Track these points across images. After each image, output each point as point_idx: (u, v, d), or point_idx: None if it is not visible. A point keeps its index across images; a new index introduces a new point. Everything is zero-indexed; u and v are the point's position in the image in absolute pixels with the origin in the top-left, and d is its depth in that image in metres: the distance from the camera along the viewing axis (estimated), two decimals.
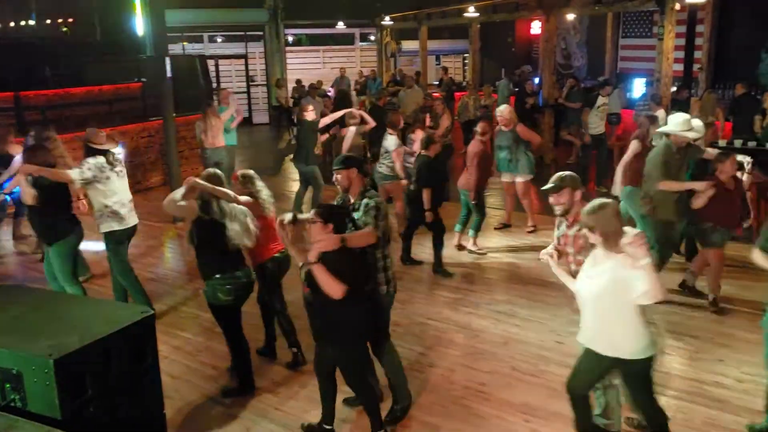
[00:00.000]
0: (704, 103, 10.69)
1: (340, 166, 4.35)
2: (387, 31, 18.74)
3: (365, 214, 4.18)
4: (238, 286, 4.70)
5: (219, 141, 9.82)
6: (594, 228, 3.51)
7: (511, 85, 15.73)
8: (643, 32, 17.19)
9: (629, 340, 3.57)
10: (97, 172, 5.67)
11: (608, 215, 3.50)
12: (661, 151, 6.05)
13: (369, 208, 4.20)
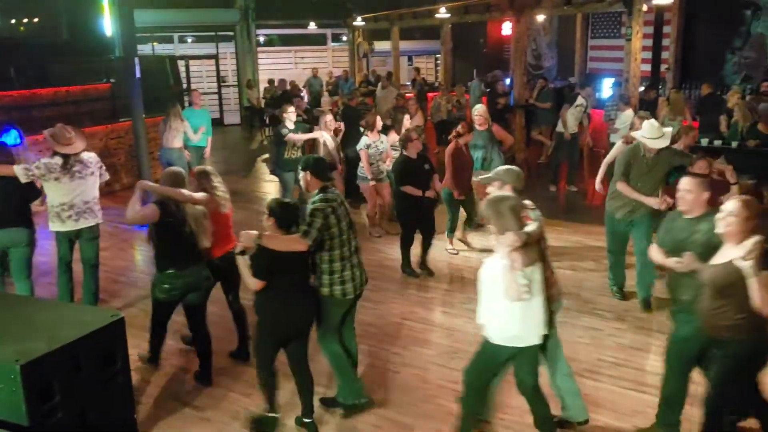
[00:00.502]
0: (672, 102, 10.86)
1: (303, 168, 4.52)
2: (359, 31, 18.74)
3: (304, 219, 4.24)
4: (177, 285, 4.79)
5: (174, 142, 9.76)
6: (490, 219, 3.69)
7: (482, 86, 15.81)
8: (612, 33, 17.43)
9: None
10: (44, 172, 5.70)
11: (504, 209, 3.64)
12: (628, 151, 6.06)
13: (308, 212, 4.26)
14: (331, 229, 4.28)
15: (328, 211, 4.27)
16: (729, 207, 3.53)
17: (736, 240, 3.50)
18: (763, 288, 3.36)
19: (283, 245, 4.16)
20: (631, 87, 10.28)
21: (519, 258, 3.57)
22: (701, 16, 14.85)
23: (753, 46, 14.05)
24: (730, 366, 3.66)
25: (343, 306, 4.49)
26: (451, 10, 14.56)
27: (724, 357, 3.68)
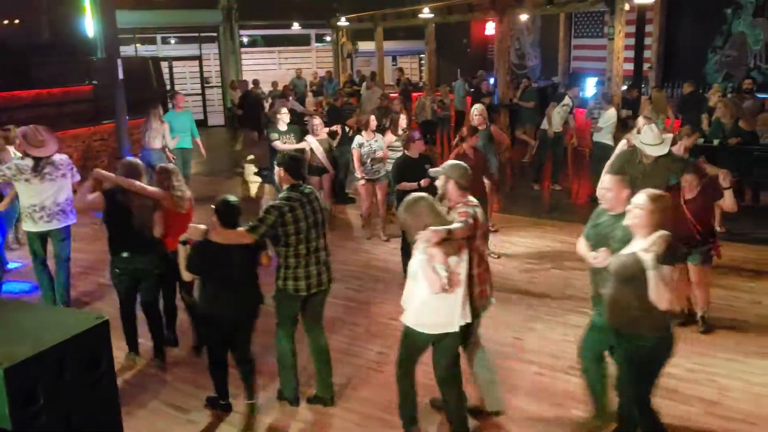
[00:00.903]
0: (655, 101, 10.95)
1: (275, 163, 4.68)
2: (343, 31, 18.73)
3: (261, 213, 4.39)
4: (127, 270, 5.12)
5: (154, 143, 9.72)
6: (407, 220, 3.86)
7: (466, 86, 15.87)
8: (595, 32, 17.54)
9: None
10: (15, 173, 5.80)
11: (419, 210, 3.82)
12: (624, 155, 5.91)
13: (265, 208, 4.41)
14: (287, 226, 4.37)
15: (284, 209, 4.37)
16: (636, 200, 3.60)
17: (644, 233, 3.55)
18: (662, 282, 3.39)
19: (230, 239, 4.33)
20: (614, 86, 10.34)
21: (438, 253, 3.72)
22: (683, 15, 14.98)
23: (734, 45, 14.20)
24: (633, 366, 3.70)
25: (294, 301, 4.56)
26: (435, 10, 14.60)
27: (626, 356, 3.73)
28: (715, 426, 4.39)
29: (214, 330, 4.53)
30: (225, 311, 4.44)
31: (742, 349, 5.41)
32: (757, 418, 4.46)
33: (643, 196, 3.58)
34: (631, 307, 3.56)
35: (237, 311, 4.49)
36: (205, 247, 4.32)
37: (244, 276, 4.49)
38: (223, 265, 4.37)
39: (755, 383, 4.87)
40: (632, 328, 3.61)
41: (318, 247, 4.56)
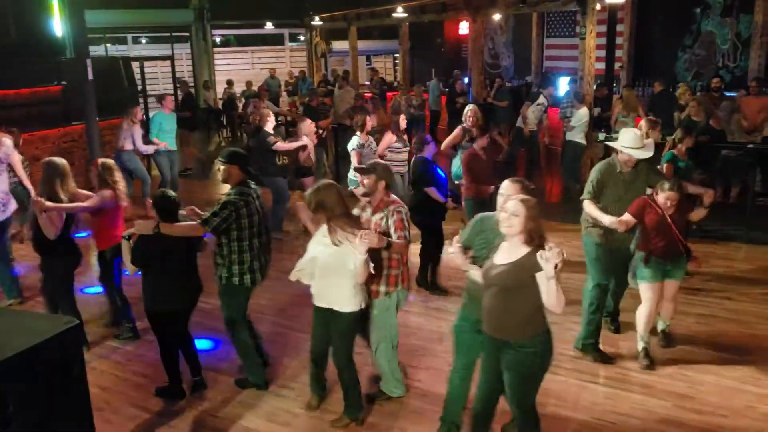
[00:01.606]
0: (626, 100, 11.07)
1: (224, 160, 4.67)
2: (316, 31, 18.66)
3: (216, 209, 4.54)
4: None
5: (124, 145, 9.67)
6: (321, 204, 4.09)
7: (441, 85, 15.92)
8: (567, 32, 17.69)
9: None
10: None
11: (332, 197, 4.10)
12: (602, 168, 5.26)
13: (220, 203, 4.56)
14: (242, 220, 4.57)
15: (240, 204, 4.55)
16: (511, 207, 3.46)
17: (521, 239, 3.45)
18: (560, 287, 3.36)
19: (180, 232, 4.53)
20: (586, 85, 10.44)
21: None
22: (653, 15, 15.17)
23: (703, 44, 14.42)
24: (521, 374, 3.59)
25: (248, 293, 4.83)
26: (408, 10, 14.60)
27: (513, 364, 3.57)
28: (688, 419, 4.45)
29: (165, 321, 4.71)
30: (173, 301, 4.65)
31: (713, 344, 5.50)
32: (728, 410, 4.54)
33: (517, 203, 3.46)
34: (519, 314, 3.50)
35: (184, 300, 4.73)
36: (151, 240, 4.46)
37: (189, 266, 4.73)
38: (170, 258, 4.57)
39: (725, 376, 4.96)
40: (519, 335, 3.52)
41: (267, 240, 4.88)
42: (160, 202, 4.59)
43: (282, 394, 4.89)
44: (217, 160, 4.74)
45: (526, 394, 3.66)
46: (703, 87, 13.10)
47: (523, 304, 3.47)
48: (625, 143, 5.09)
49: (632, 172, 5.18)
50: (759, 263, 7.26)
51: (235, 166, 4.66)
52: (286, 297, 6.60)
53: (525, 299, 3.45)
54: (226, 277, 4.67)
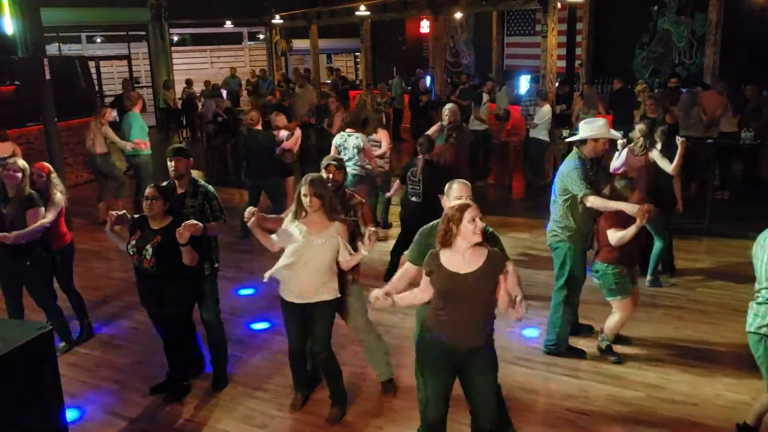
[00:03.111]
0: (586, 97, 11.26)
1: (181, 154, 4.71)
2: (276, 29, 18.51)
3: (216, 202, 4.76)
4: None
5: (95, 148, 9.36)
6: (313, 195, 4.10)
7: (403, 83, 15.95)
8: (527, 30, 17.89)
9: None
10: None
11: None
12: (576, 163, 4.97)
13: (214, 197, 4.78)
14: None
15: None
16: (479, 220, 3.37)
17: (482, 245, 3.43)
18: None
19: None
20: (548, 83, 10.58)
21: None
22: (611, 14, 15.47)
23: (660, 42, 14.76)
24: (496, 371, 3.60)
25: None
26: (370, 8, 14.59)
27: (488, 367, 3.55)
28: (660, 408, 4.54)
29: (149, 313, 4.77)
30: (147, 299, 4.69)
31: (680, 335, 5.62)
32: (698, 398, 4.64)
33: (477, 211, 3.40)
34: (487, 317, 3.51)
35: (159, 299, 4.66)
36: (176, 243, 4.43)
37: (172, 264, 4.52)
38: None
39: (694, 366, 5.07)
40: (485, 337, 3.52)
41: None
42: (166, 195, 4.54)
43: (257, 396, 4.83)
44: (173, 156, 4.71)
45: (497, 390, 3.69)
46: (661, 84, 13.39)
47: (490, 305, 3.47)
48: (595, 130, 5.00)
49: (594, 167, 5.14)
50: (720, 256, 7.44)
51: (191, 159, 4.78)
52: (256, 297, 6.54)
53: (491, 301, 3.45)
54: (209, 266, 4.84)
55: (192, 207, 4.70)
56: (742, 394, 4.53)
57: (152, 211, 4.40)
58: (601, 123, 5.08)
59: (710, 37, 12.61)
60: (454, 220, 3.37)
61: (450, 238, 3.39)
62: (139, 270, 4.50)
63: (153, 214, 4.42)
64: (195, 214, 4.65)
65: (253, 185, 8.36)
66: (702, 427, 4.33)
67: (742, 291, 6.10)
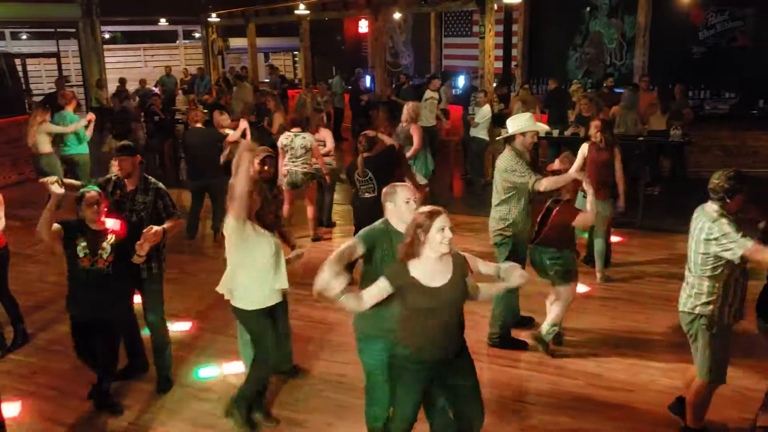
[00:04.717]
0: (522, 97, 11.52)
1: (127, 153, 4.61)
2: (213, 28, 18.23)
3: (168, 198, 4.73)
4: None
5: (39, 148, 9.02)
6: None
7: (343, 83, 15.95)
8: (464, 31, 18.16)
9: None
10: None
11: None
12: (515, 158, 5.12)
13: (166, 193, 4.74)
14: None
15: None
16: (448, 230, 3.27)
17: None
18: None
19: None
20: (487, 83, 10.76)
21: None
22: (545, 15, 15.85)
23: (592, 43, 15.22)
24: (476, 376, 3.62)
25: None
26: (309, 7, 14.54)
27: (471, 371, 3.56)
28: (599, 396, 4.71)
29: (74, 321, 4.55)
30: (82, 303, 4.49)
31: (616, 325, 5.84)
32: (634, 385, 4.84)
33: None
34: (462, 324, 3.52)
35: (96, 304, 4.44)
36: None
37: (114, 268, 4.41)
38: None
39: (630, 355, 5.28)
40: (461, 342, 3.54)
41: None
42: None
43: (203, 398, 4.78)
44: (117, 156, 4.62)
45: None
46: (593, 84, 13.82)
47: (462, 312, 3.48)
48: (521, 124, 5.16)
49: (531, 158, 5.37)
50: (652, 249, 7.73)
51: (137, 157, 4.69)
52: (198, 299, 6.45)
53: (462, 307, 3.45)
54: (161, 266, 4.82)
55: (143, 204, 4.63)
56: (676, 379, 4.73)
57: (98, 214, 4.30)
58: (526, 117, 5.26)
59: (639, 39, 13.10)
60: (423, 227, 3.16)
61: (417, 248, 3.19)
62: (89, 273, 4.30)
63: (95, 218, 4.30)
64: (147, 210, 4.59)
65: (197, 186, 8.18)
66: (638, 411, 4.52)
67: (674, 282, 6.32)
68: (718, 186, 3.73)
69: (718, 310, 3.81)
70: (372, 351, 3.73)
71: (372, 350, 3.73)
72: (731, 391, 4.03)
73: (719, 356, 3.90)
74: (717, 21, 13.22)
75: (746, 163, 9.99)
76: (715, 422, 4.24)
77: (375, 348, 3.70)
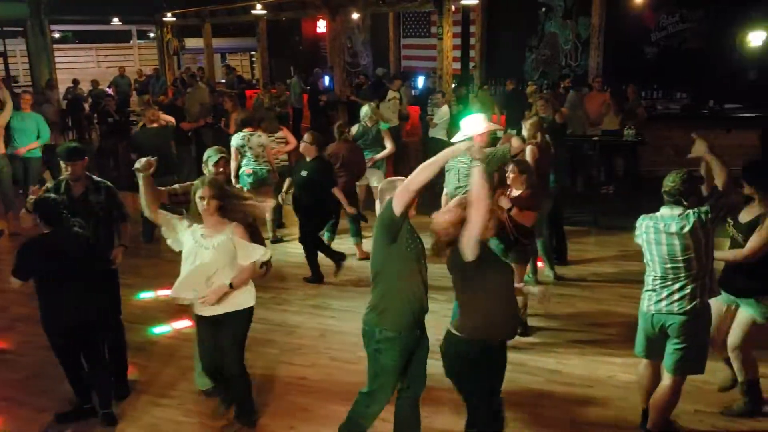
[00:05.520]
0: (481, 98, 11.63)
1: (77, 157, 4.53)
2: (168, 27, 17.96)
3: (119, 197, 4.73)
4: None
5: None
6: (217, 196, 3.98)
7: (302, 83, 15.86)
8: (423, 32, 18.23)
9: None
10: None
11: (224, 188, 4.12)
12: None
13: (117, 194, 4.70)
14: None
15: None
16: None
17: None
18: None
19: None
20: (445, 84, 10.83)
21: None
22: (502, 16, 16.00)
23: (547, 45, 15.43)
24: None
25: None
26: (267, 7, 14.42)
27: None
28: (559, 391, 4.77)
29: (48, 332, 4.27)
30: (58, 314, 4.23)
31: (575, 322, 5.92)
32: (593, 381, 4.91)
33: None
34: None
35: (71, 314, 4.21)
36: (33, 250, 4.11)
37: (82, 278, 4.23)
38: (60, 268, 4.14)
39: (588, 351, 5.36)
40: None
41: None
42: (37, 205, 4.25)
43: (162, 404, 4.69)
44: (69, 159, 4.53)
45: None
46: (550, 85, 14.01)
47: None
48: (477, 125, 5.11)
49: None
50: (608, 246, 7.88)
51: (86, 159, 4.64)
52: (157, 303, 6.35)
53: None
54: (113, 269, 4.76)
55: (98, 204, 4.57)
56: (634, 374, 4.81)
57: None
58: (480, 118, 5.29)
59: (594, 41, 13.33)
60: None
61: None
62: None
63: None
64: (103, 211, 4.56)
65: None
66: (597, 406, 4.59)
67: (630, 279, 6.52)
68: (674, 189, 3.79)
69: (707, 296, 3.87)
70: (394, 352, 3.66)
71: (395, 351, 3.65)
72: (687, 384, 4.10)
73: (707, 342, 3.98)
74: (668, 23, 13.54)
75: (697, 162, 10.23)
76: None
77: (397, 348, 3.65)
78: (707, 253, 3.78)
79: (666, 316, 3.87)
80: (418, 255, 3.57)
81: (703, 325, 3.91)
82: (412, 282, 3.57)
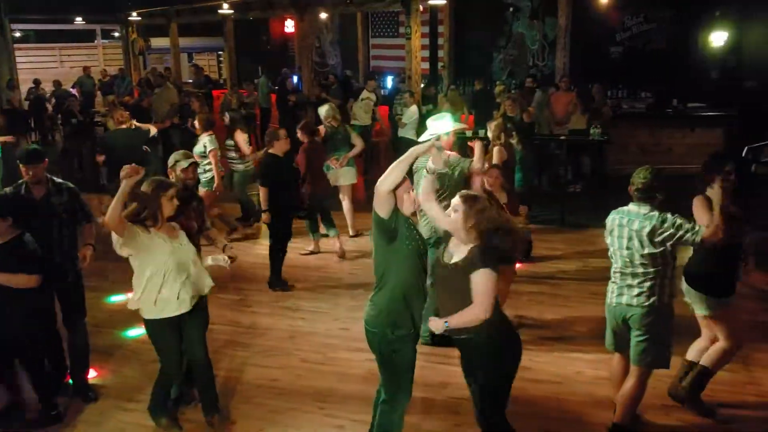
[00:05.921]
0: (450, 98, 11.67)
1: (38, 159, 4.39)
2: (133, 27, 17.70)
3: (82, 198, 4.64)
4: None
5: None
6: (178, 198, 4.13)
7: (270, 83, 15.76)
8: (391, 32, 18.26)
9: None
10: None
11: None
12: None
13: (69, 192, 4.55)
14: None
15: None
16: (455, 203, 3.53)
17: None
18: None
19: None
20: (414, 84, 10.84)
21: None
22: (470, 17, 16.10)
23: (515, 45, 15.57)
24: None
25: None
26: (234, 6, 14.30)
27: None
28: (529, 387, 4.79)
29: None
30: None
31: (543, 319, 5.98)
32: (562, 377, 4.97)
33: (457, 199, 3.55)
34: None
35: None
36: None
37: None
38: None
39: (557, 348, 5.41)
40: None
41: None
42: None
43: (128, 408, 4.61)
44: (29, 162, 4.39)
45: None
46: (518, 85, 14.14)
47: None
48: (445, 124, 5.04)
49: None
50: (575, 244, 7.97)
51: (46, 160, 4.49)
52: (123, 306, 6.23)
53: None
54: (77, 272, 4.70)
55: (62, 205, 4.47)
56: (601, 370, 4.87)
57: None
58: (446, 117, 5.22)
59: (560, 41, 13.47)
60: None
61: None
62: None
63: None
64: (67, 212, 4.47)
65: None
66: (566, 402, 4.63)
67: (596, 276, 6.57)
68: (645, 184, 3.82)
69: (667, 297, 3.92)
70: (410, 348, 3.66)
71: (410, 347, 3.66)
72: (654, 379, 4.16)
73: (670, 339, 4.02)
74: (633, 23, 13.77)
75: (662, 160, 10.41)
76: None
77: (412, 344, 3.67)
78: (664, 256, 3.84)
79: (627, 308, 3.95)
80: (419, 251, 3.59)
81: (665, 322, 3.96)
82: (418, 279, 3.60)
